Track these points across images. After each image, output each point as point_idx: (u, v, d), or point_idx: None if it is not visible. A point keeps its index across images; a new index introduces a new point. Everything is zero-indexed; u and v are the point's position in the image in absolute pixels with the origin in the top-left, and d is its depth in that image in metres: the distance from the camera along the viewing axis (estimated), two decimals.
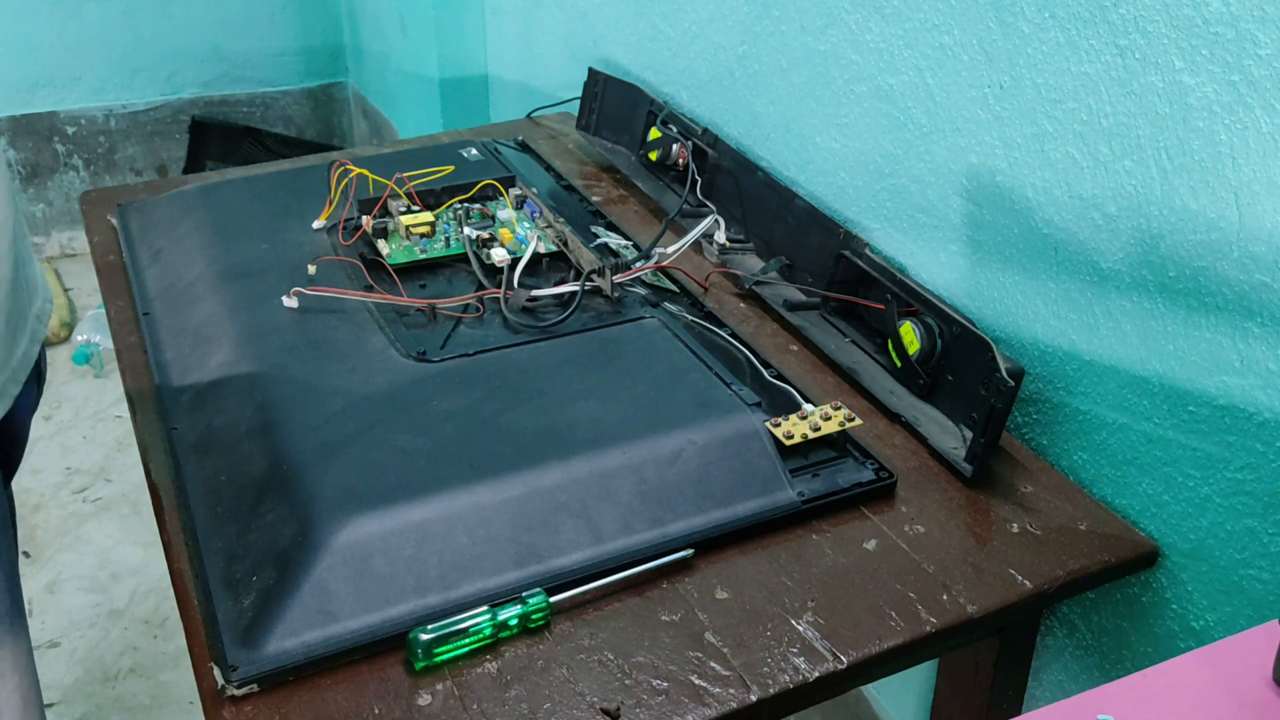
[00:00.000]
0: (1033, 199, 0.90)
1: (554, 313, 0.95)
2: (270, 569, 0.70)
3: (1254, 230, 0.73)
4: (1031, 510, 0.84)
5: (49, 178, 2.57)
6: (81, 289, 2.42)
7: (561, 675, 0.68)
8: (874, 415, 0.93)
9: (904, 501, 0.83)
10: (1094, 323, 0.87)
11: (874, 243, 1.09)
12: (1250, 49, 0.70)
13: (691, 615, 0.73)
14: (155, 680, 1.54)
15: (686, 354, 0.90)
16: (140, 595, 1.68)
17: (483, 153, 1.25)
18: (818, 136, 1.16)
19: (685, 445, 0.79)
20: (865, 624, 0.73)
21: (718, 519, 0.78)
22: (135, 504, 1.84)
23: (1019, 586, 0.76)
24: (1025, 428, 0.95)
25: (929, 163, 1.00)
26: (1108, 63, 0.81)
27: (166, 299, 1.01)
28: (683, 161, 1.25)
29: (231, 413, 0.84)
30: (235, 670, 0.65)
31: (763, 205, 1.15)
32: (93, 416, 2.07)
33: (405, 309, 0.94)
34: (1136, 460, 0.85)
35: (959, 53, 0.94)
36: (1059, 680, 0.98)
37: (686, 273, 1.08)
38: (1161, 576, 0.85)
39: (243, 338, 0.91)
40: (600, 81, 1.42)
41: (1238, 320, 0.75)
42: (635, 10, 1.50)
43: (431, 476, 0.75)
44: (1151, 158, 0.79)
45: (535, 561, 0.73)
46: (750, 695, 0.68)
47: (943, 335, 0.91)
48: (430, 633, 0.68)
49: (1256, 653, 0.55)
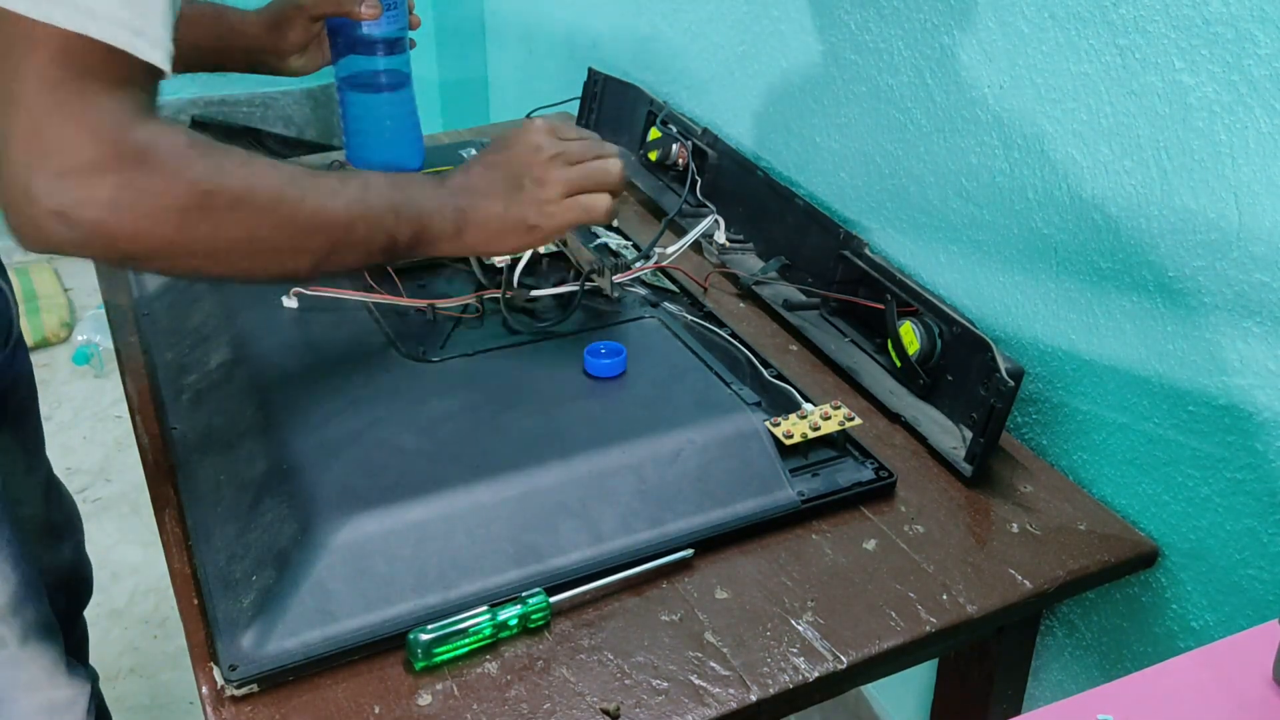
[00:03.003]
0: (1033, 199, 0.90)
1: (554, 313, 0.95)
2: (270, 569, 0.70)
3: (1254, 230, 0.73)
4: (1031, 510, 0.84)
5: None
6: (81, 289, 2.42)
7: (561, 675, 0.68)
8: (874, 415, 0.93)
9: (904, 501, 0.83)
10: (1094, 323, 0.87)
11: (874, 243, 1.09)
12: (1250, 49, 0.70)
13: (691, 615, 0.73)
14: (155, 680, 1.54)
15: (686, 354, 0.90)
16: (140, 595, 1.68)
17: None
18: (818, 136, 1.16)
19: (685, 445, 0.79)
20: (865, 624, 0.73)
21: (717, 519, 0.78)
22: (135, 504, 1.84)
23: (1019, 586, 0.76)
24: (1025, 428, 0.95)
25: (929, 163, 1.00)
26: (1108, 63, 0.81)
27: (166, 299, 1.01)
28: (682, 161, 1.25)
29: (231, 413, 0.84)
30: (235, 670, 0.65)
31: (763, 205, 1.15)
32: (92, 416, 2.07)
33: (405, 309, 0.94)
34: (1136, 460, 0.85)
35: (959, 53, 0.94)
36: (1059, 680, 0.98)
37: (686, 273, 1.08)
38: (1161, 576, 0.85)
39: (243, 338, 0.91)
40: (600, 81, 1.42)
41: (1238, 320, 0.75)
42: (635, 10, 1.50)
43: (431, 476, 0.75)
44: (1151, 158, 0.79)
45: (535, 561, 0.73)
46: (750, 695, 0.68)
47: (942, 335, 0.91)
48: (430, 633, 0.68)
49: (1256, 653, 0.55)
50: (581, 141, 0.83)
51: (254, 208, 0.65)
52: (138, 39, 0.59)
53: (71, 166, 0.58)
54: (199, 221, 0.63)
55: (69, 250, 0.61)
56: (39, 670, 0.90)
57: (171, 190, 0.61)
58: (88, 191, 0.58)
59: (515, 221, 0.79)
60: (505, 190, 0.79)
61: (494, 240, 0.80)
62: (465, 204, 0.77)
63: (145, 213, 0.60)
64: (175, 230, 0.62)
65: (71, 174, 0.58)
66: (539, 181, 0.79)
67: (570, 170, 0.80)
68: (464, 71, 2.29)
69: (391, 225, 0.73)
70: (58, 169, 0.58)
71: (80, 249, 0.61)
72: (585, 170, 0.81)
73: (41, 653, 0.89)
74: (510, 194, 0.79)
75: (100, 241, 0.61)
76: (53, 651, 0.90)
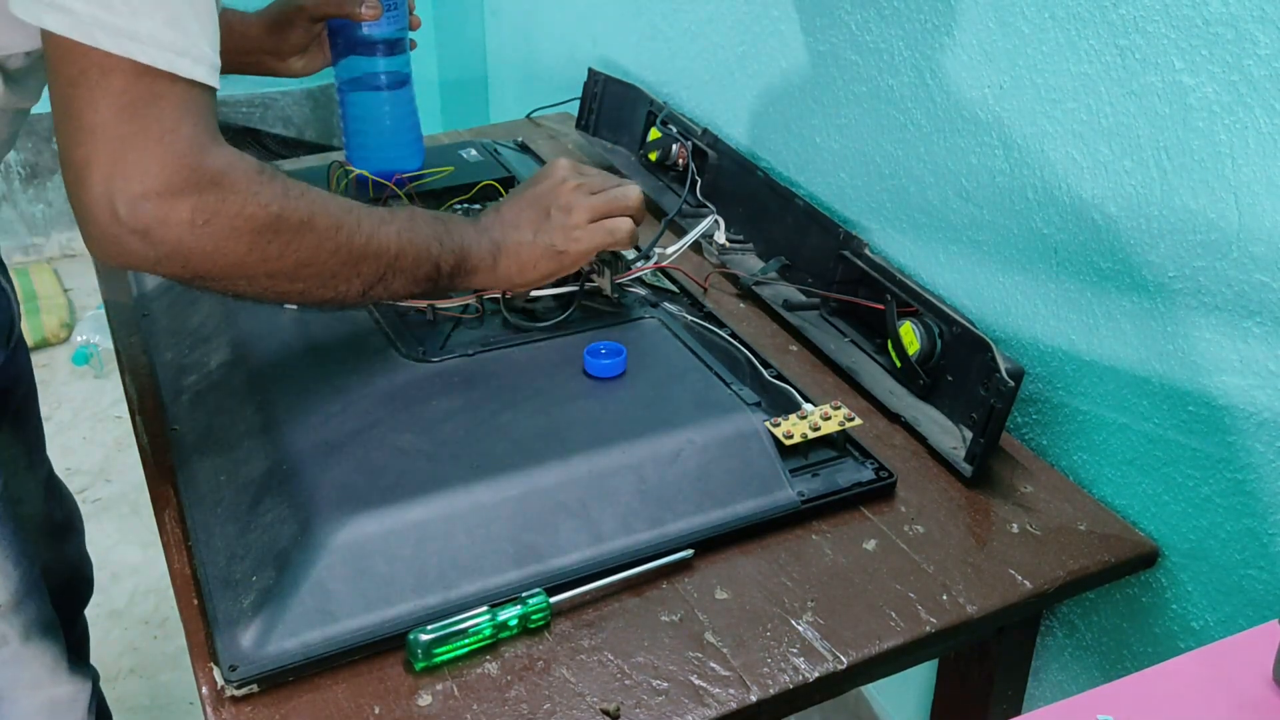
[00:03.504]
0: (1033, 199, 0.90)
1: (554, 313, 0.95)
2: (270, 569, 0.70)
3: (1254, 230, 0.73)
4: (1031, 510, 0.84)
5: (49, 178, 2.57)
6: (81, 289, 2.42)
7: (561, 675, 0.68)
8: (874, 415, 0.93)
9: (904, 501, 0.83)
10: (1094, 323, 0.87)
11: (874, 243, 1.09)
12: (1250, 49, 0.70)
13: (691, 615, 0.73)
14: (155, 680, 1.54)
15: (686, 354, 0.90)
16: (140, 595, 1.68)
17: (482, 153, 1.25)
18: (818, 136, 1.16)
19: (685, 445, 0.79)
20: (865, 624, 0.73)
21: (717, 519, 0.78)
22: (135, 504, 1.84)
23: (1019, 587, 0.76)
24: (1025, 428, 0.95)
25: (929, 163, 1.00)
26: (1108, 63, 0.81)
27: (166, 299, 1.01)
28: (682, 161, 1.25)
29: (231, 413, 0.84)
30: (235, 670, 0.65)
31: (763, 205, 1.15)
32: (92, 417, 2.07)
33: (405, 309, 0.94)
34: (1136, 460, 0.85)
35: (959, 53, 0.94)
36: (1059, 680, 0.98)
37: (686, 273, 1.08)
38: (1161, 576, 0.85)
39: (242, 338, 0.91)
40: (600, 81, 1.42)
41: (1238, 320, 0.75)
42: (635, 10, 1.50)
43: (431, 476, 0.75)
44: (1151, 158, 0.79)
45: (535, 561, 0.73)
46: (750, 695, 0.68)
47: (942, 335, 0.91)
48: (430, 633, 0.68)
49: (1256, 653, 0.55)
50: (602, 173, 0.91)
51: (317, 233, 0.70)
52: (180, 59, 0.62)
53: (153, 189, 0.62)
54: (268, 243, 0.67)
55: (144, 266, 0.65)
56: (41, 668, 0.90)
57: (244, 212, 0.65)
58: (169, 212, 0.62)
59: (544, 248, 0.85)
60: (533, 220, 0.86)
61: (526, 268, 0.86)
62: (499, 236, 0.84)
63: (221, 233, 0.65)
64: (246, 250, 0.66)
65: (153, 196, 0.62)
66: (565, 209, 0.86)
67: (594, 198, 0.87)
68: (464, 71, 2.29)
69: (436, 254, 0.79)
70: (140, 192, 0.61)
71: (156, 265, 0.65)
72: (607, 197, 0.88)
73: (43, 650, 0.89)
74: (538, 223, 0.86)
75: (178, 259, 0.64)
76: (54, 649, 0.91)
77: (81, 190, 0.61)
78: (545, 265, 0.86)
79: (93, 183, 0.61)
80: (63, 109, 0.61)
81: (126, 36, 0.59)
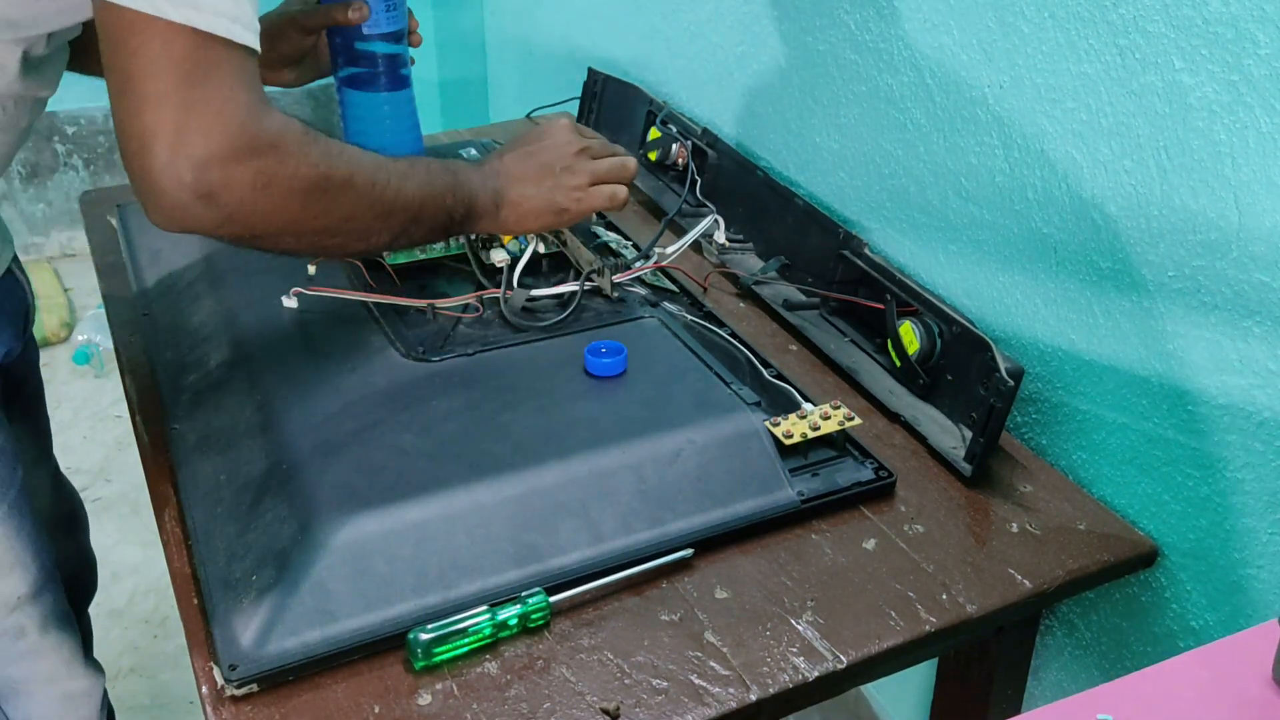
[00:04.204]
0: (1033, 199, 0.90)
1: (554, 313, 0.95)
2: (270, 568, 0.70)
3: (1253, 230, 0.73)
4: (1031, 510, 0.84)
5: (49, 178, 2.57)
6: (81, 289, 2.42)
7: (561, 675, 0.68)
8: (874, 415, 0.93)
9: (903, 501, 0.83)
10: (1094, 323, 0.87)
11: (874, 243, 1.09)
12: (1250, 49, 0.70)
13: (691, 615, 0.73)
14: (155, 680, 1.54)
15: (686, 354, 0.90)
16: (140, 595, 1.68)
17: (482, 153, 1.25)
18: (817, 136, 1.16)
19: (685, 445, 0.79)
20: (865, 623, 0.73)
21: (717, 518, 0.78)
22: (135, 504, 1.84)
23: (1018, 586, 0.76)
24: (1025, 428, 0.95)
25: (929, 163, 1.00)
26: (1108, 63, 0.81)
27: (166, 299, 1.01)
28: (682, 161, 1.25)
29: (231, 412, 0.84)
30: (235, 670, 0.65)
31: (762, 205, 1.15)
32: (92, 416, 2.07)
33: (405, 309, 0.94)
34: (1136, 460, 0.85)
35: (959, 53, 0.94)
36: (1059, 680, 0.98)
37: (686, 273, 1.08)
38: (1161, 576, 0.85)
39: (243, 338, 0.91)
40: (599, 81, 1.42)
41: (1237, 320, 0.75)
42: (635, 10, 1.50)
43: (431, 476, 0.75)
44: (1151, 158, 0.79)
45: (535, 561, 0.73)
46: (750, 695, 0.68)
47: (942, 335, 0.91)
48: (430, 632, 0.68)
49: (1256, 652, 0.55)
50: (600, 138, 0.96)
51: (356, 189, 0.73)
52: (235, 25, 0.64)
53: (217, 154, 0.63)
54: (317, 201, 0.70)
55: (207, 230, 0.67)
56: (58, 660, 0.90)
57: (299, 173, 0.68)
58: (233, 176, 0.64)
59: (546, 204, 0.90)
60: (537, 176, 0.90)
61: (526, 219, 0.90)
62: (502, 185, 0.88)
63: (279, 194, 0.67)
64: (300, 209, 0.70)
65: (218, 161, 0.64)
66: (570, 170, 0.91)
67: (597, 164, 0.93)
68: (464, 71, 2.29)
69: (450, 205, 0.83)
70: (205, 157, 0.63)
71: (219, 228, 0.67)
72: (609, 164, 0.94)
73: (60, 643, 0.90)
74: (542, 180, 0.90)
75: (240, 220, 0.67)
76: (71, 642, 0.91)
77: (146, 158, 0.62)
78: (545, 219, 0.91)
79: (158, 150, 0.62)
80: (122, 80, 0.62)
81: (189, 5, 0.61)
